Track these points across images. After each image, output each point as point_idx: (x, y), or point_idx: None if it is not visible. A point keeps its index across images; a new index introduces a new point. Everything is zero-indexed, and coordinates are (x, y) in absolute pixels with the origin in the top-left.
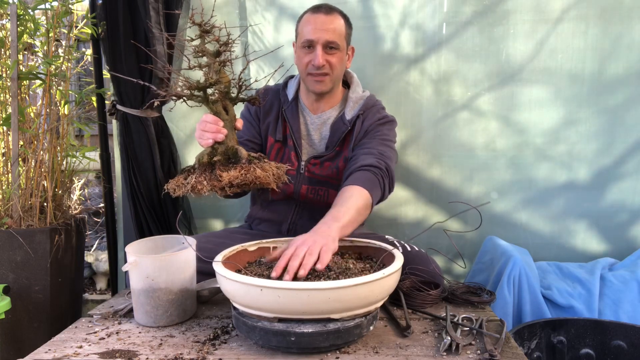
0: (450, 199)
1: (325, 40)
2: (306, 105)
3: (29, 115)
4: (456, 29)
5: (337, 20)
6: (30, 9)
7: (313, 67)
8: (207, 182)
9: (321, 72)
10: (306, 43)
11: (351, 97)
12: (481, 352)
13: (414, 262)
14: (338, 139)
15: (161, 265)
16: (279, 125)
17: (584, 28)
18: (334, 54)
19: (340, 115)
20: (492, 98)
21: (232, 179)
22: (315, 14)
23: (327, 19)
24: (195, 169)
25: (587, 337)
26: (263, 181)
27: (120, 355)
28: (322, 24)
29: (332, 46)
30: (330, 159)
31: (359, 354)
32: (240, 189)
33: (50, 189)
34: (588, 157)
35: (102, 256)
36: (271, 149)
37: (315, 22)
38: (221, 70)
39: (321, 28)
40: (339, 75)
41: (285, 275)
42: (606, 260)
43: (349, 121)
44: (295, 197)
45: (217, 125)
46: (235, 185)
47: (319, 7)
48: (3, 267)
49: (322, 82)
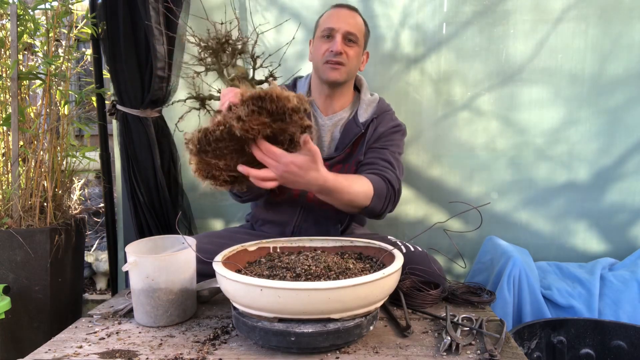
0: (450, 199)
1: (345, 30)
2: (317, 106)
3: (29, 115)
4: (456, 29)
5: (358, 18)
6: (30, 9)
7: (331, 53)
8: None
9: (338, 60)
10: (326, 32)
11: (363, 99)
12: (481, 352)
13: (417, 262)
14: (350, 141)
15: (161, 265)
16: None
17: (584, 28)
18: (352, 47)
19: (353, 117)
20: (492, 98)
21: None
22: (337, 8)
23: (349, 14)
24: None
25: (587, 337)
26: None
27: (120, 355)
28: (345, 17)
29: (351, 38)
30: (340, 161)
31: (359, 354)
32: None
33: (50, 189)
34: (588, 157)
35: (102, 256)
36: None
37: (337, 14)
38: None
39: (343, 20)
40: (353, 69)
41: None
42: (606, 260)
43: (363, 124)
44: (301, 199)
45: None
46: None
47: (341, 4)
48: (3, 267)
49: (337, 70)
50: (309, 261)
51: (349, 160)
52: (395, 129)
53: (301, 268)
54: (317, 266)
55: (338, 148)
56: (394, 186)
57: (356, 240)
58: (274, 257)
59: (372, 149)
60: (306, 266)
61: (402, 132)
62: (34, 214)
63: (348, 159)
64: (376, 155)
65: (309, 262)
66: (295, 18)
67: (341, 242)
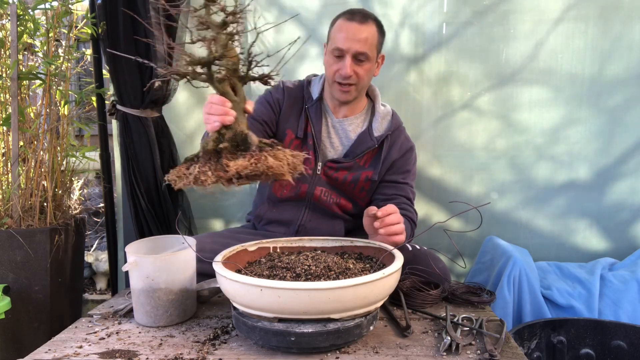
0: (450, 199)
1: (355, 51)
2: (329, 107)
3: (29, 115)
4: (456, 29)
5: (370, 29)
6: (30, 9)
7: (340, 76)
8: (212, 173)
9: (348, 82)
10: (336, 52)
11: (378, 111)
12: (481, 352)
13: (421, 261)
14: (361, 152)
15: (161, 265)
16: (300, 122)
17: (583, 28)
18: (363, 65)
19: (367, 128)
20: (492, 98)
21: (241, 169)
22: (349, 21)
23: (360, 29)
24: (199, 158)
25: (587, 337)
26: (276, 172)
27: (120, 355)
28: (355, 34)
29: (361, 58)
30: (348, 168)
31: (359, 354)
32: (249, 180)
33: (50, 189)
34: (588, 156)
35: (102, 256)
36: (290, 144)
37: (347, 31)
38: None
39: (353, 38)
40: (365, 85)
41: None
42: (606, 260)
43: (377, 138)
44: (307, 198)
45: (224, 107)
46: (244, 177)
47: (353, 13)
48: (3, 267)
49: (347, 93)
50: (309, 261)
51: (356, 170)
52: (409, 153)
53: (301, 268)
54: (317, 266)
55: (348, 155)
56: (414, 221)
57: (356, 240)
58: (274, 257)
59: (392, 183)
60: (306, 266)
61: (416, 155)
62: (34, 214)
63: (356, 168)
64: (396, 192)
65: (309, 262)
66: (295, 18)
67: (341, 242)
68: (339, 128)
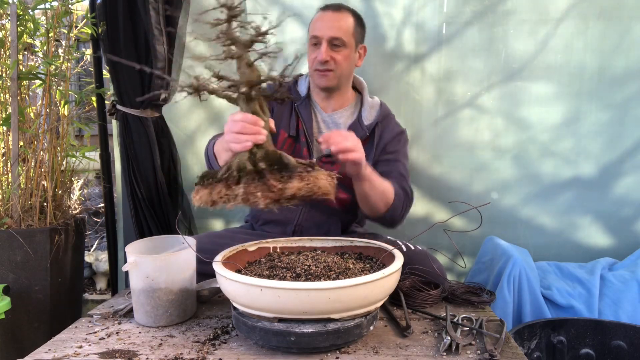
0: (452, 197)
1: (329, 37)
2: (317, 103)
3: (29, 115)
4: (457, 29)
5: (345, 18)
6: (30, 9)
7: (318, 62)
8: (262, 194)
9: (325, 68)
10: (313, 40)
11: (367, 101)
12: (481, 352)
13: (417, 261)
14: None
15: (161, 265)
16: (292, 121)
17: (583, 28)
18: (339, 51)
19: (357, 119)
20: (493, 97)
21: (296, 190)
22: (323, 11)
23: (334, 16)
24: (239, 177)
25: (587, 337)
26: (324, 191)
27: (120, 355)
28: (328, 21)
29: (336, 43)
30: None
31: (359, 354)
32: (299, 200)
33: (50, 189)
34: (593, 153)
35: (102, 256)
36: (283, 143)
37: (322, 19)
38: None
39: (327, 25)
40: (345, 72)
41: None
42: (606, 260)
43: (367, 127)
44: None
45: (257, 127)
46: (297, 197)
47: (328, 5)
48: (3, 267)
49: (326, 77)
50: (309, 261)
51: None
52: (399, 136)
53: (301, 268)
54: (317, 266)
55: None
56: (409, 194)
57: (356, 240)
58: (274, 257)
59: (383, 161)
60: (306, 266)
61: (406, 138)
62: (33, 214)
63: None
64: (388, 167)
65: (309, 262)
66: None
67: (341, 242)
68: (329, 122)
